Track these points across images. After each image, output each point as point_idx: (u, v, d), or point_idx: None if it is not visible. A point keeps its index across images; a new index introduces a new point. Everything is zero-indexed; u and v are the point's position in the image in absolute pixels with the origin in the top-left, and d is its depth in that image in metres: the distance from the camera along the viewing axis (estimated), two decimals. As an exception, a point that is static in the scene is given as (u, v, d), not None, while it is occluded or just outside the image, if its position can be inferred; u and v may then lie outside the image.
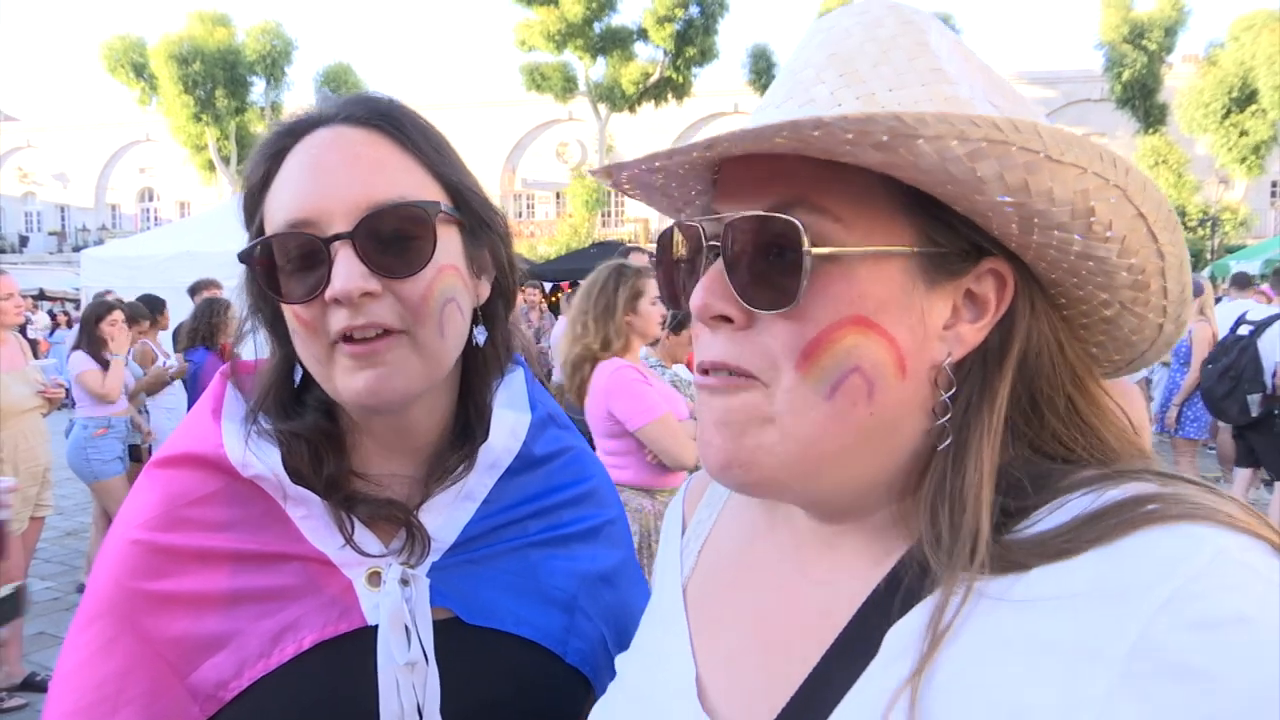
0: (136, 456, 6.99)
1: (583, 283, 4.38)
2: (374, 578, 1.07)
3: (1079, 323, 0.79)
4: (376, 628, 1.04)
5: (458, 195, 1.09)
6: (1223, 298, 10.73)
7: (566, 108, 38.38)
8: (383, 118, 1.06)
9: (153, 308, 8.12)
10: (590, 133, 39.29)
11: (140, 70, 36.59)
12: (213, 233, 12.02)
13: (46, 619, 6.55)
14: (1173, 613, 0.57)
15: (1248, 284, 9.81)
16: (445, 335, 1.06)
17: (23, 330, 6.01)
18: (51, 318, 22.86)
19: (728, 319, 0.74)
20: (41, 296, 25.16)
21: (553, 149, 46.31)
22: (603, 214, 37.67)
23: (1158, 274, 0.74)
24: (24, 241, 48.97)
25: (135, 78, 36.84)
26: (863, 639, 0.72)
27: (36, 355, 9.11)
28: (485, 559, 1.14)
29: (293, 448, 1.09)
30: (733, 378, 0.75)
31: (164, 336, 8.19)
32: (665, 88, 34.61)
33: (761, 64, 35.65)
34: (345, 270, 0.98)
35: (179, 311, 8.04)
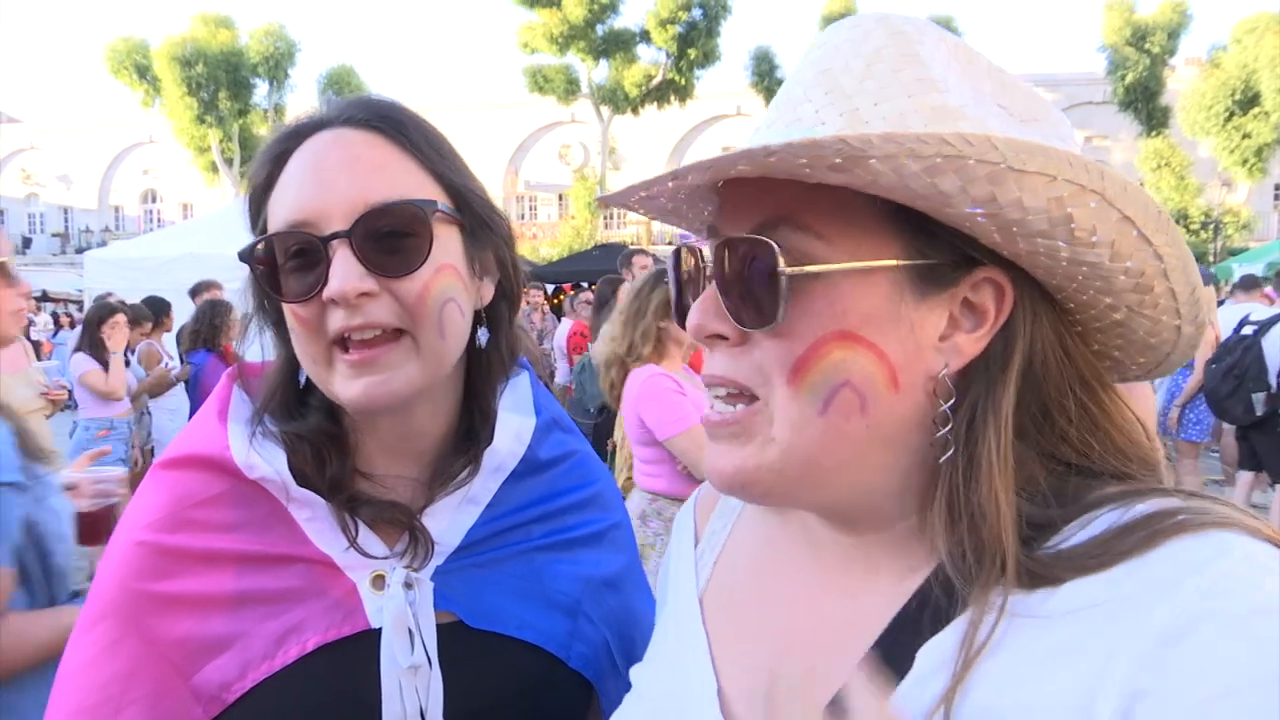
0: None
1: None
2: (378, 581, 1.07)
3: (1093, 327, 0.79)
4: (380, 631, 1.04)
5: (458, 196, 1.09)
6: (1225, 300, 10.69)
7: (569, 110, 38.30)
8: (384, 120, 1.06)
9: (158, 309, 8.14)
10: (593, 135, 39.24)
11: (144, 72, 36.57)
12: (216, 235, 12.02)
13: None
14: (1199, 605, 0.58)
15: (1255, 286, 9.76)
16: (445, 336, 1.06)
17: (25, 332, 6.02)
18: (55, 319, 22.88)
19: (722, 337, 0.76)
20: (44, 298, 25.22)
21: (555, 151, 46.30)
22: (605, 216, 37.66)
23: (1159, 276, 0.73)
24: (27, 243, 48.99)
25: (139, 79, 36.82)
26: (894, 655, 0.72)
27: (39, 357, 9.14)
28: (489, 563, 1.14)
29: (297, 449, 1.10)
30: (736, 407, 0.77)
31: (168, 338, 8.20)
32: (668, 90, 34.53)
33: (764, 66, 35.58)
34: (342, 270, 0.98)
35: (181, 313, 8.05)
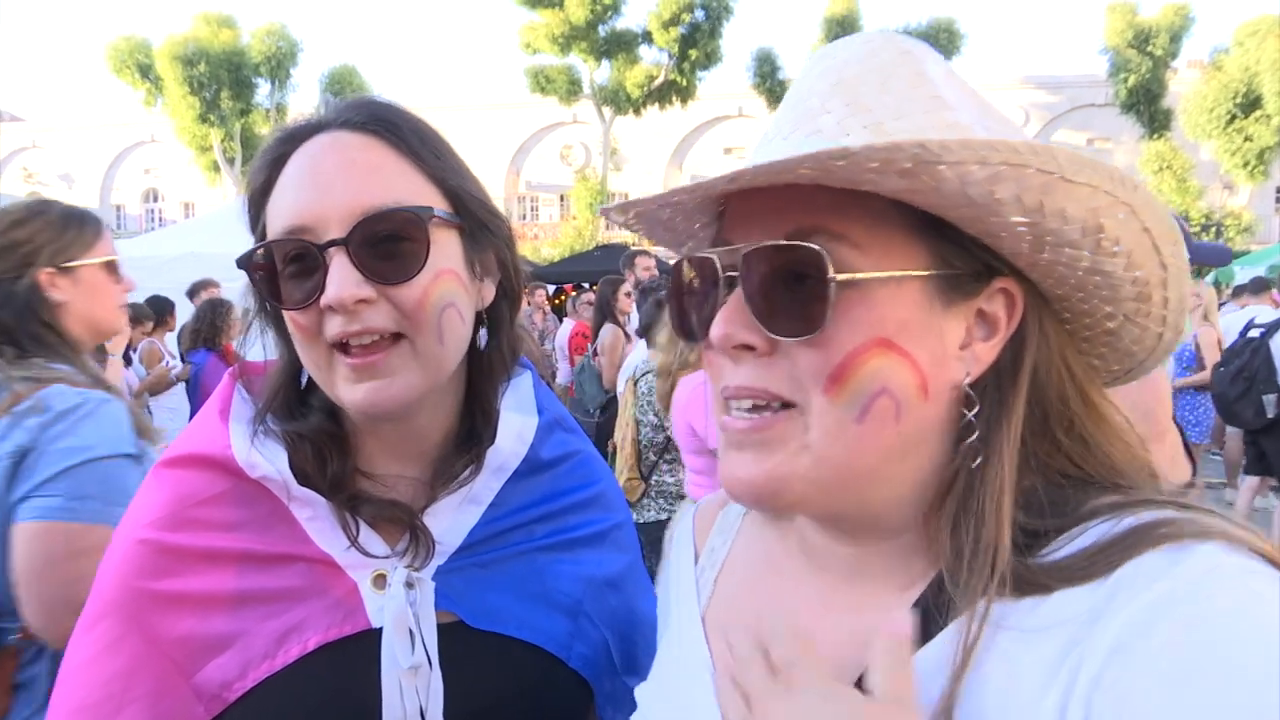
0: None
1: None
2: (379, 580, 1.07)
3: (1082, 336, 0.82)
4: (381, 630, 1.04)
5: (456, 199, 1.09)
6: (1226, 302, 10.66)
7: (571, 110, 38.30)
8: (380, 122, 1.05)
9: (160, 309, 8.13)
10: (594, 135, 39.23)
11: (146, 71, 36.55)
12: (217, 234, 11.99)
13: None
14: (1158, 609, 0.59)
15: (1265, 289, 9.72)
16: (444, 341, 1.05)
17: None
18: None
19: (750, 347, 0.75)
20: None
21: (557, 151, 46.31)
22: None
23: (1160, 285, 0.76)
24: (29, 241, 49.00)
25: (141, 79, 36.81)
26: None
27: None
28: (491, 563, 1.14)
29: (298, 448, 1.10)
30: (764, 414, 0.75)
31: (170, 337, 8.20)
32: (669, 91, 34.53)
33: (766, 67, 35.56)
34: (339, 277, 0.98)
35: (181, 313, 8.05)
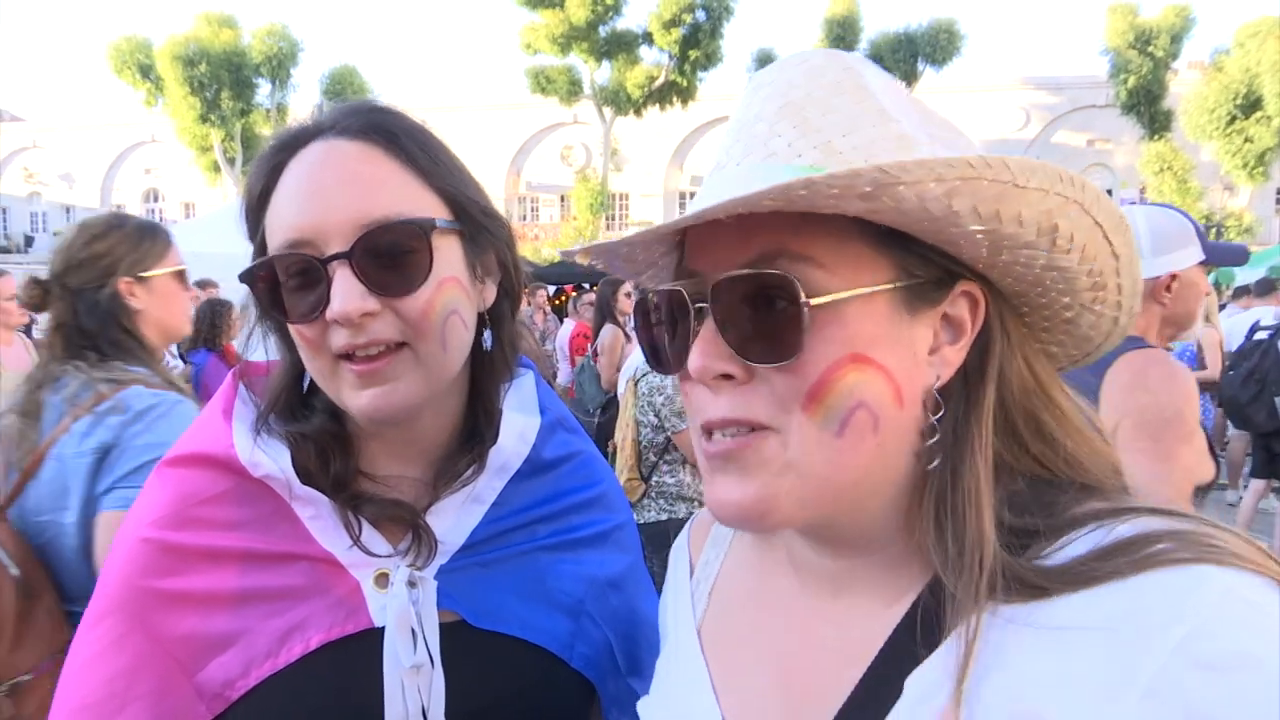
0: None
1: None
2: (381, 579, 1.07)
3: (1040, 327, 0.84)
4: (383, 629, 1.04)
5: (456, 204, 1.08)
6: (1227, 303, 10.63)
7: (571, 111, 38.28)
8: (378, 130, 1.05)
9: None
10: (595, 136, 39.23)
11: (146, 71, 36.55)
12: (218, 234, 11.98)
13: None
14: (1184, 653, 0.60)
15: (1271, 289, 9.68)
16: (448, 348, 1.06)
17: (27, 331, 6.03)
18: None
19: (729, 376, 0.75)
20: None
21: (557, 152, 46.28)
22: (606, 217, 37.67)
23: (1114, 273, 0.79)
24: (29, 242, 48.99)
25: (141, 79, 36.80)
26: (885, 682, 0.73)
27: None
28: (493, 562, 1.14)
29: (301, 448, 1.10)
30: (745, 437, 0.75)
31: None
32: (670, 91, 34.51)
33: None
34: (344, 291, 0.98)
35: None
